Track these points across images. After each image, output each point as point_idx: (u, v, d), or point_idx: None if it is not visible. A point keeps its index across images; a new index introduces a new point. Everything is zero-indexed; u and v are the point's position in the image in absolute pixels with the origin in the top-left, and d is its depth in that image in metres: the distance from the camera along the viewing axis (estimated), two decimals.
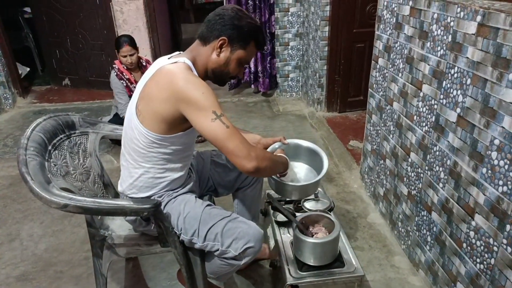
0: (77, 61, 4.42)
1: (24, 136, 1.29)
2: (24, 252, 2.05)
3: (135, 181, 1.38)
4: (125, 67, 2.91)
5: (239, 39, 1.29)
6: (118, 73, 2.89)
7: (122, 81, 2.89)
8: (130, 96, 2.93)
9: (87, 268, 1.90)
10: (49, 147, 1.36)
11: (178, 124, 1.26)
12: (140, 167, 1.35)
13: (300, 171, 1.70)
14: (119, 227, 1.51)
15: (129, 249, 1.52)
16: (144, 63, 3.01)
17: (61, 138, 1.44)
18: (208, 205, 1.41)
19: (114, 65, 2.94)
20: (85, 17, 4.13)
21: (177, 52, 1.40)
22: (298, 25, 3.93)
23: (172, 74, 1.21)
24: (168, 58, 1.32)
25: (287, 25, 3.92)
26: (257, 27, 1.33)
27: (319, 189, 2.03)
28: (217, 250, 1.32)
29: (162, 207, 1.37)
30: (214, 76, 1.36)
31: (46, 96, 4.39)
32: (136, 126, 1.29)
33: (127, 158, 1.38)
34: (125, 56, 2.84)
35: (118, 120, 2.87)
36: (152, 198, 1.39)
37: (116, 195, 1.67)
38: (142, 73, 2.98)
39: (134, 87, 2.91)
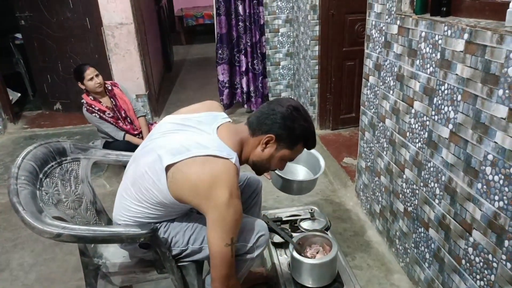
0: (69, 85, 4.41)
1: (15, 165, 1.27)
2: (14, 283, 1.98)
3: (130, 214, 1.33)
4: (92, 98, 2.82)
5: (288, 140, 1.27)
6: (88, 107, 2.80)
7: (94, 114, 2.79)
8: (110, 122, 2.83)
9: None
10: (40, 175, 1.33)
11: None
12: (139, 206, 1.30)
13: (300, 173, 1.84)
14: (113, 255, 1.47)
15: (125, 277, 1.48)
16: (109, 87, 2.91)
17: (52, 166, 1.42)
18: None
19: (82, 100, 2.84)
20: (76, 42, 4.15)
21: (225, 117, 1.35)
22: (288, 45, 3.98)
23: (218, 182, 1.13)
24: (217, 127, 1.27)
25: (278, 45, 3.97)
26: (309, 131, 1.29)
27: (315, 208, 2.02)
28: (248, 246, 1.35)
29: (159, 232, 1.34)
30: (253, 166, 1.35)
31: (37, 121, 4.35)
32: (161, 178, 1.19)
33: (130, 188, 1.30)
34: (91, 79, 2.73)
35: (109, 147, 2.78)
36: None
37: (109, 221, 1.64)
38: (110, 96, 2.87)
39: (109, 114, 2.82)
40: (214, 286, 1.23)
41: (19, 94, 4.74)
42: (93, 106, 2.81)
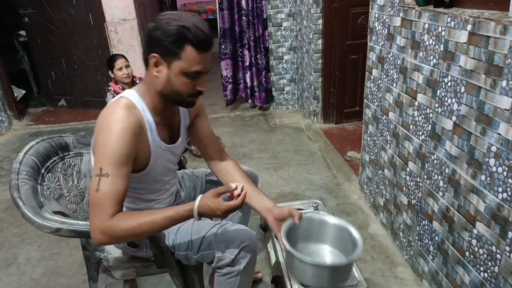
0: (73, 81, 4.43)
1: (17, 160, 1.28)
2: (21, 277, 2.01)
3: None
4: (120, 87, 2.89)
5: (168, 49, 1.09)
6: (114, 94, 2.87)
7: None
8: None
9: None
10: (42, 170, 1.35)
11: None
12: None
13: (323, 256, 1.36)
14: (114, 249, 1.48)
15: (126, 271, 1.49)
16: (137, 81, 2.99)
17: (55, 161, 1.43)
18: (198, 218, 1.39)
19: (109, 87, 2.91)
20: (80, 38, 4.16)
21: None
22: (291, 39, 3.97)
23: (104, 109, 1.16)
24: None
25: (281, 39, 3.95)
26: (183, 27, 1.08)
27: (319, 201, 2.02)
28: (213, 258, 1.29)
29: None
30: (170, 100, 1.20)
31: (42, 118, 4.39)
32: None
33: None
34: (121, 69, 2.81)
35: None
36: None
37: None
38: None
39: None
40: (93, 239, 1.08)
41: (23, 91, 4.77)
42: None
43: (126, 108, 1.14)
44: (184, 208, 1.13)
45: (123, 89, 2.89)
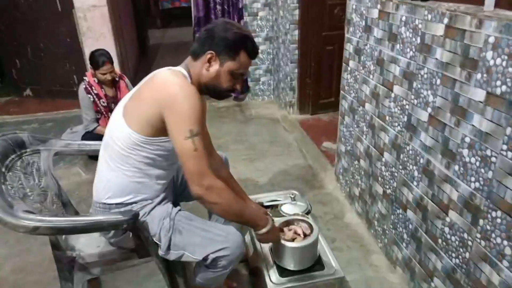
0: (39, 70, 4.24)
1: None
2: None
3: (111, 184, 1.33)
4: (95, 81, 2.76)
5: (227, 51, 1.27)
6: (87, 86, 2.75)
7: (89, 95, 2.74)
8: (97, 112, 2.81)
9: None
10: (3, 169, 1.28)
11: (163, 128, 1.24)
12: (117, 169, 1.31)
13: None
14: (87, 246, 1.44)
15: (105, 266, 1.45)
16: (117, 78, 2.86)
17: (13, 159, 1.36)
18: (186, 216, 1.39)
19: (84, 77, 2.79)
20: (47, 25, 3.97)
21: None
22: (267, 29, 3.94)
23: (168, 78, 1.23)
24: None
25: (257, 29, 3.92)
26: (244, 36, 1.29)
27: (295, 192, 2.02)
28: (195, 259, 1.32)
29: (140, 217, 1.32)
30: (208, 91, 1.34)
31: (6, 108, 4.18)
32: (121, 125, 1.27)
33: (106, 160, 1.34)
34: (104, 74, 2.70)
35: (91, 136, 2.70)
36: (128, 206, 1.34)
37: (76, 213, 1.61)
38: (115, 88, 2.85)
39: (103, 103, 2.79)
40: (192, 190, 1.22)
41: None
42: (93, 88, 2.77)
43: (185, 78, 1.27)
44: (262, 222, 1.38)
45: (98, 83, 2.77)
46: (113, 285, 1.81)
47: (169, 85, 1.21)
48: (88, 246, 1.44)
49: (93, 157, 1.40)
